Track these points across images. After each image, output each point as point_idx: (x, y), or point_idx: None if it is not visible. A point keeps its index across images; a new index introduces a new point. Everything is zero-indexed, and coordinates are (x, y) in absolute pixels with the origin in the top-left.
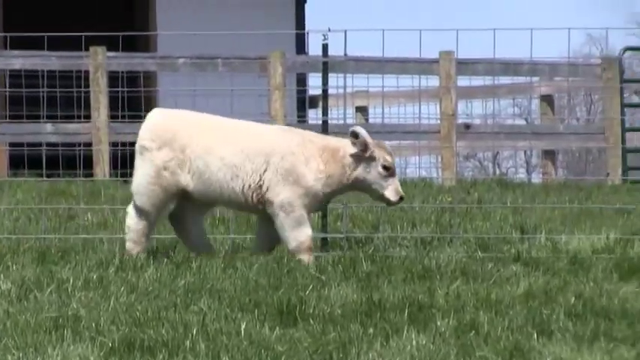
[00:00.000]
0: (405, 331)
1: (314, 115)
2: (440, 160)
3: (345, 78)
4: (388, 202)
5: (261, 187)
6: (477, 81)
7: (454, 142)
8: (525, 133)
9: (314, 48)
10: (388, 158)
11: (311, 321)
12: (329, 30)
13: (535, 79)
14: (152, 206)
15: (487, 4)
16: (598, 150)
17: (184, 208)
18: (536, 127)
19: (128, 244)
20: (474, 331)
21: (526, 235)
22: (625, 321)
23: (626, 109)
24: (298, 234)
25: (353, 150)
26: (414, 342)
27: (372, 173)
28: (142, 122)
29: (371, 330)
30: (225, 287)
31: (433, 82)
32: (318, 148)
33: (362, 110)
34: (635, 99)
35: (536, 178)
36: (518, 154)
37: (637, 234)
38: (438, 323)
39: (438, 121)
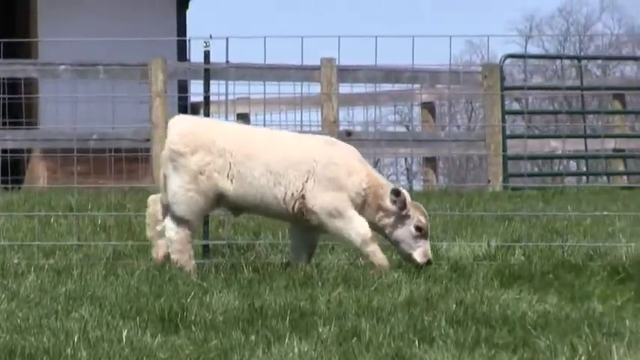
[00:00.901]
0: (287, 338)
1: None
2: None
3: (226, 85)
4: (415, 264)
5: (303, 196)
6: (359, 88)
7: None
8: (406, 140)
9: (196, 55)
10: (422, 219)
11: (193, 328)
12: (210, 37)
13: (416, 86)
14: (192, 214)
15: (369, 11)
16: (479, 157)
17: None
18: (417, 134)
19: (175, 256)
20: (355, 338)
21: None
22: (506, 327)
23: (506, 117)
24: (359, 229)
25: (391, 204)
26: (295, 349)
27: (403, 230)
28: (23, 129)
29: (253, 337)
30: (107, 294)
31: (315, 89)
32: (364, 170)
33: (243, 117)
34: (515, 106)
35: (417, 185)
36: (399, 161)
37: (518, 241)
38: (320, 330)
39: (320, 128)
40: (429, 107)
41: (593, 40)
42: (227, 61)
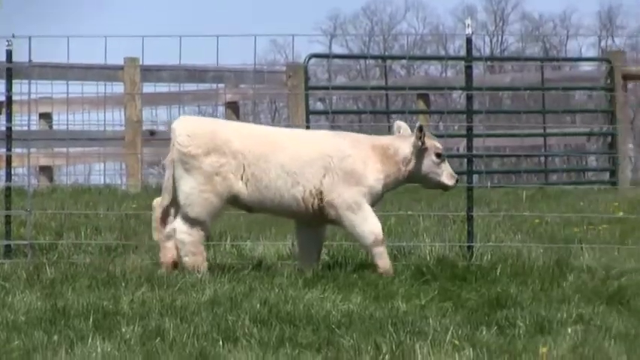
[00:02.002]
0: (90, 339)
1: None
2: (125, 166)
3: (29, 84)
4: (445, 188)
5: (321, 192)
6: (163, 88)
7: (139, 148)
8: None
9: None
10: (438, 145)
11: None
12: (13, 36)
13: (220, 85)
14: (207, 215)
15: (172, 10)
16: None
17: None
18: None
19: (187, 260)
20: (159, 338)
21: (212, 242)
22: (310, 327)
23: (311, 116)
24: (373, 227)
25: (406, 146)
26: (99, 349)
27: (426, 163)
28: None
29: (55, 337)
30: None
31: (118, 88)
32: (368, 147)
33: (46, 117)
34: (319, 106)
35: None
36: None
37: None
38: (124, 330)
39: (123, 128)
40: (233, 107)
41: (398, 40)
42: (30, 60)
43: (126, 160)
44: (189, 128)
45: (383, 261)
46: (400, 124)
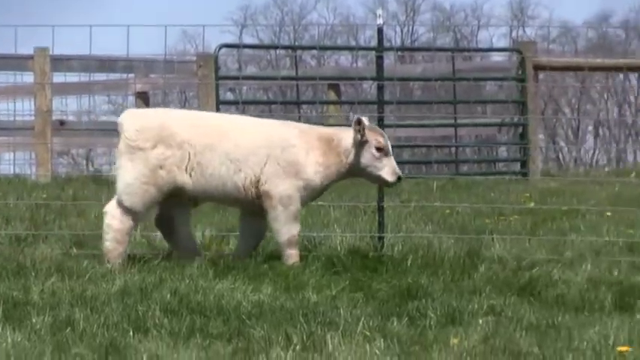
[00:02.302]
0: (0, 329)
1: None
2: (34, 156)
3: None
4: (386, 184)
5: (259, 180)
6: (73, 77)
7: (49, 138)
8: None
9: None
10: (380, 139)
11: None
12: None
13: (131, 75)
14: (143, 206)
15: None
16: None
17: (171, 210)
18: None
19: (109, 245)
20: (69, 328)
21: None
22: (220, 317)
23: (221, 106)
24: (292, 228)
25: (348, 137)
26: (9, 339)
27: (367, 157)
28: None
29: None
30: None
31: (28, 78)
32: (314, 139)
33: None
34: (230, 96)
35: None
36: (112, 151)
37: (232, 231)
38: (34, 320)
39: (33, 118)
40: (143, 97)
41: (308, 30)
42: None
43: (35, 149)
44: (138, 123)
45: (291, 262)
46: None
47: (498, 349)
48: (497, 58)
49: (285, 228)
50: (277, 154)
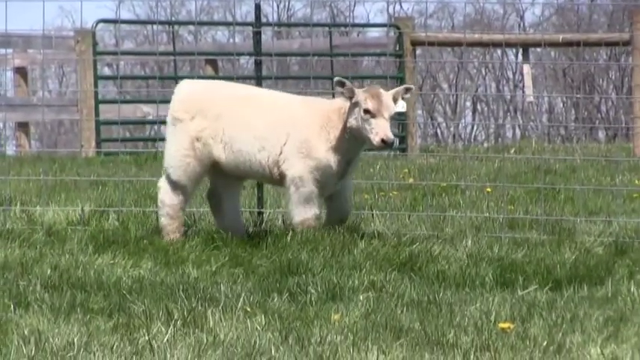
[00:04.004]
0: None
1: None
2: None
3: None
4: (373, 145)
5: (279, 161)
6: None
7: None
8: None
9: None
10: (369, 101)
11: None
12: None
13: (9, 51)
14: (188, 179)
15: None
16: (71, 122)
17: (220, 186)
18: (10, 99)
19: (164, 220)
20: None
21: (0, 207)
22: (101, 292)
23: (99, 82)
24: (305, 210)
25: (346, 101)
26: None
27: (357, 119)
28: None
29: None
30: None
31: None
32: (328, 113)
33: None
34: (107, 71)
35: (11, 151)
36: None
37: (111, 206)
38: None
39: None
40: (21, 72)
41: (185, 6)
42: None
43: None
44: (183, 93)
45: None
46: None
47: (379, 325)
48: (374, 33)
49: (298, 210)
50: (295, 133)
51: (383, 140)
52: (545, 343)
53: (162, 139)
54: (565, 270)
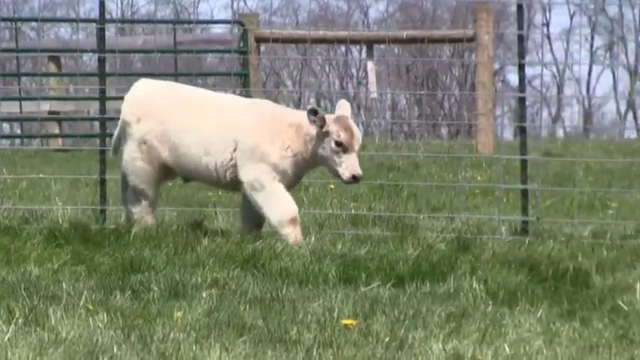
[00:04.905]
0: None
1: None
2: None
3: None
4: (342, 180)
5: (234, 165)
6: None
7: None
8: None
9: None
10: (342, 134)
11: None
12: None
13: None
14: (143, 183)
15: None
16: None
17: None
18: None
19: (136, 229)
20: None
21: None
22: None
23: None
24: (277, 207)
25: (313, 126)
26: None
27: (327, 149)
28: None
29: None
30: None
31: None
32: (284, 124)
33: None
34: None
35: None
36: None
37: None
38: None
39: None
40: None
41: (28, 2)
42: None
43: None
44: (131, 94)
45: (290, 241)
46: (342, 103)
47: (222, 322)
48: (218, 30)
49: (270, 209)
50: (243, 139)
51: (354, 176)
52: (387, 339)
53: (5, 137)
54: (408, 266)
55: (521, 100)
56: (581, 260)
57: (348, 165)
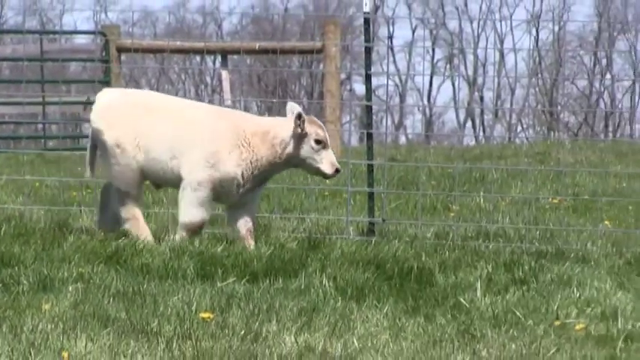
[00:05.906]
0: None
1: None
2: None
3: None
4: (324, 176)
5: (182, 166)
6: None
7: None
8: None
9: None
10: (320, 132)
11: None
12: None
13: None
14: (127, 186)
15: None
16: None
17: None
18: None
19: (133, 234)
20: None
21: None
22: None
23: None
24: (195, 212)
25: (286, 130)
26: None
27: (305, 149)
28: None
29: None
30: None
31: None
32: (247, 134)
33: None
34: None
35: None
36: None
37: None
38: None
39: None
40: None
41: None
42: None
43: None
44: (100, 102)
45: (177, 241)
46: (294, 106)
47: (88, 314)
48: (82, 40)
49: (188, 210)
50: (204, 144)
51: (336, 170)
52: (243, 331)
53: None
54: (261, 263)
55: (369, 109)
56: (424, 260)
57: (329, 160)
